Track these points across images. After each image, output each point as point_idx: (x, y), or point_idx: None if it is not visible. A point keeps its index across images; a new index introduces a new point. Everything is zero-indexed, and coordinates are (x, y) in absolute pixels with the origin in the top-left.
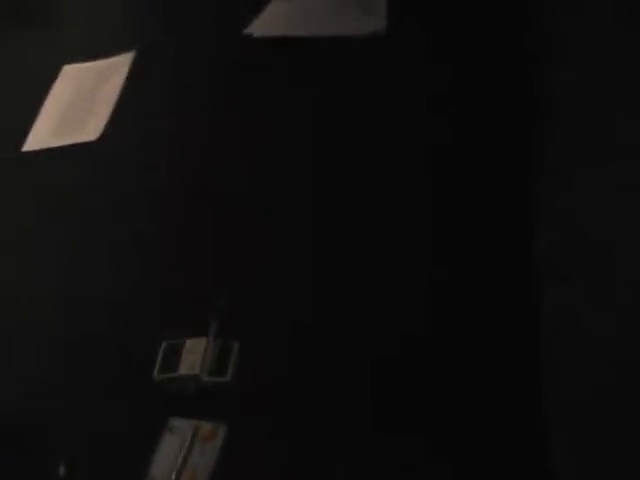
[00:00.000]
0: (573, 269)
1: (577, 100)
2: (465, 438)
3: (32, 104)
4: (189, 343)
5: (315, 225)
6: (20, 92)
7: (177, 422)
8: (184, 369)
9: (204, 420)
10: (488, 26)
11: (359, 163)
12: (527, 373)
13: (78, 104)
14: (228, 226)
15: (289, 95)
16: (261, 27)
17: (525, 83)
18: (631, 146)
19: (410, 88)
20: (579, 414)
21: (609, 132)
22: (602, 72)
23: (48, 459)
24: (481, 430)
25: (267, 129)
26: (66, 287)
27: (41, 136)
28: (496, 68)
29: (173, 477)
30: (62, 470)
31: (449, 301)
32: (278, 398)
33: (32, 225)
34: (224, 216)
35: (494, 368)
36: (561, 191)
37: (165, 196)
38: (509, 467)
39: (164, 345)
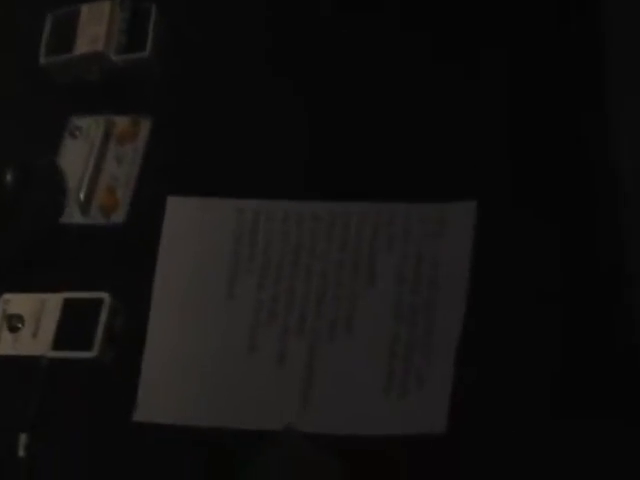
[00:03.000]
0: None
1: None
2: None
3: None
4: (86, 10)
5: None
6: None
7: (81, 121)
8: (83, 46)
9: (119, 115)
10: None
11: None
12: None
13: None
14: None
15: None
16: None
17: None
18: None
19: None
20: None
21: None
22: None
23: None
24: None
25: None
26: None
27: None
28: None
29: (82, 196)
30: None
31: None
32: (210, 81)
33: None
34: None
35: None
36: None
37: None
38: None
39: (50, 17)
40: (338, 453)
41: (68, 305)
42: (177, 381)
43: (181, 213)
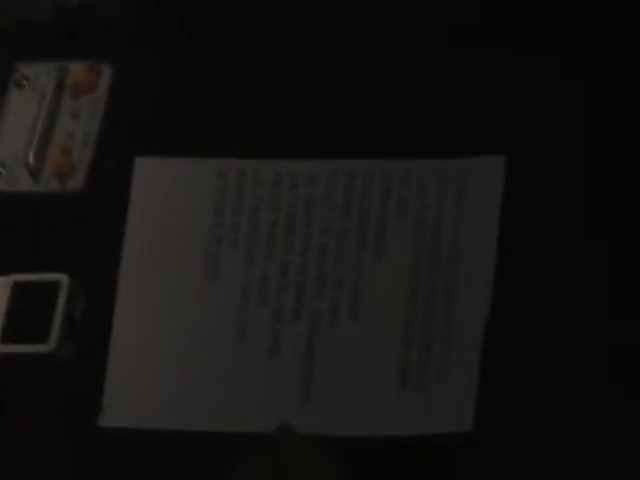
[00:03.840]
0: None
1: None
2: None
3: None
4: None
5: None
6: None
7: (28, 69)
8: None
9: (74, 61)
10: None
11: None
12: None
13: None
14: None
15: None
16: None
17: None
18: None
19: None
20: None
21: None
22: None
23: None
24: None
25: None
26: None
27: None
28: None
29: (31, 158)
30: None
31: None
32: (183, 20)
33: None
34: None
35: None
36: None
37: None
38: None
39: None
40: (343, 456)
41: (18, 290)
42: (151, 378)
43: (151, 177)
